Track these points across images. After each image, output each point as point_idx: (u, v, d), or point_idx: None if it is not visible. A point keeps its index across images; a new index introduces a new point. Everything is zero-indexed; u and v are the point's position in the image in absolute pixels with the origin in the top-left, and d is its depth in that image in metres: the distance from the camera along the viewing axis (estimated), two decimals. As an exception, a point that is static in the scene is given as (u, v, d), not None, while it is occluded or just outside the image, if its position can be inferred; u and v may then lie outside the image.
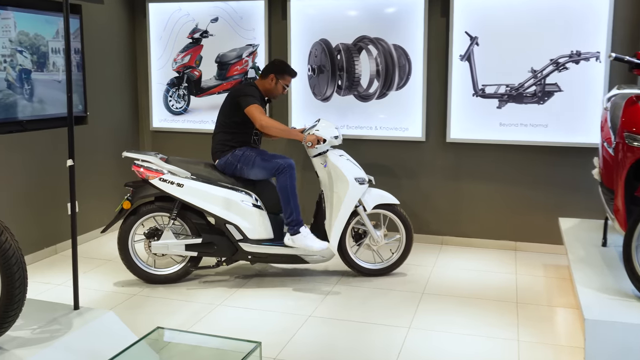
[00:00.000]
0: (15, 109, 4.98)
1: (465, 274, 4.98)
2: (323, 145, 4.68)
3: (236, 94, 4.69)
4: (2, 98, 4.84)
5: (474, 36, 5.39)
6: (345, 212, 4.68)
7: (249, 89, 4.71)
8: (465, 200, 5.69)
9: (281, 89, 4.80)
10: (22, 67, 5.05)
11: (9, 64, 4.91)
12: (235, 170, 4.66)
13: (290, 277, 4.91)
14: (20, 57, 5.01)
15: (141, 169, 4.55)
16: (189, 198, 4.51)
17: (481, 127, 5.49)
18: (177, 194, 4.50)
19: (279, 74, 4.77)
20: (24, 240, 5.05)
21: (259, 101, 4.63)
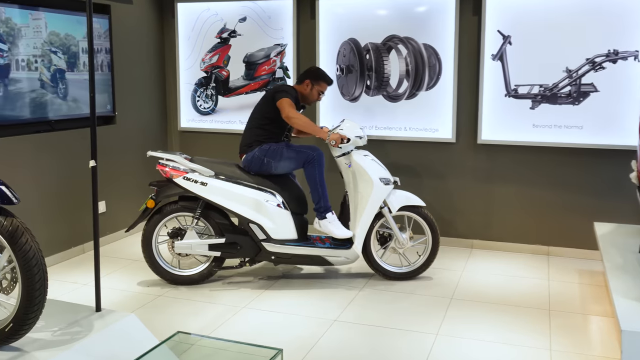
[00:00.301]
0: (45, 109, 5.00)
1: (495, 279, 4.85)
2: (347, 145, 4.61)
3: (273, 90, 4.75)
4: (34, 98, 4.86)
5: (507, 35, 5.25)
6: (369, 213, 4.59)
7: (286, 87, 4.76)
8: (496, 203, 5.54)
9: (316, 94, 4.81)
10: (57, 67, 5.08)
11: (42, 64, 4.93)
12: (262, 165, 4.63)
13: (315, 279, 4.84)
14: (54, 57, 5.04)
15: (166, 168, 4.53)
16: (212, 197, 4.48)
17: (513, 129, 5.34)
18: (201, 192, 4.47)
19: (315, 79, 4.77)
20: (52, 240, 5.10)
21: (292, 98, 4.62)
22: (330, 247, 4.64)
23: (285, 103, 4.56)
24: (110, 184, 5.71)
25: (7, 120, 4.68)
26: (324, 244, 4.68)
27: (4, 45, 4.64)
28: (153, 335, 3.27)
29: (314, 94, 4.80)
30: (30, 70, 4.84)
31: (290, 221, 4.62)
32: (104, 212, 5.64)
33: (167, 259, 4.71)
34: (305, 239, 4.70)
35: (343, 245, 4.66)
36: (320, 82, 4.79)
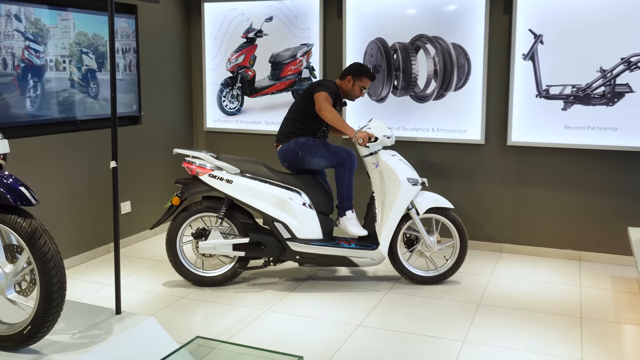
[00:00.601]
0: (73, 109, 5.02)
1: (525, 285, 4.72)
2: (375, 145, 4.53)
3: (314, 84, 4.75)
4: (64, 98, 4.88)
5: (539, 34, 5.11)
6: (396, 214, 4.51)
7: (327, 82, 4.75)
8: (526, 206, 5.41)
9: (358, 90, 4.77)
10: (88, 67, 5.11)
11: (72, 64, 4.95)
12: (296, 158, 4.64)
13: (340, 282, 4.76)
14: (85, 57, 5.06)
15: (192, 165, 4.52)
16: (237, 195, 4.45)
17: (545, 130, 5.20)
18: (226, 190, 4.44)
19: (356, 75, 4.74)
20: (78, 239, 5.12)
21: (330, 92, 4.59)
22: (356, 247, 4.57)
23: (321, 96, 4.54)
24: (136, 184, 5.71)
25: (40, 119, 4.72)
26: (349, 244, 4.61)
27: (39, 46, 4.68)
28: (172, 339, 3.24)
29: (355, 90, 4.76)
30: (58, 71, 4.86)
31: (315, 221, 4.56)
32: (129, 212, 5.65)
33: (191, 260, 4.69)
34: (331, 239, 4.64)
35: (369, 246, 4.59)
36: (362, 78, 4.74)
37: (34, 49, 4.65)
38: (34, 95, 4.66)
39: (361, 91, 4.78)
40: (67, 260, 5.00)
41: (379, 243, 4.55)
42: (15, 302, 2.84)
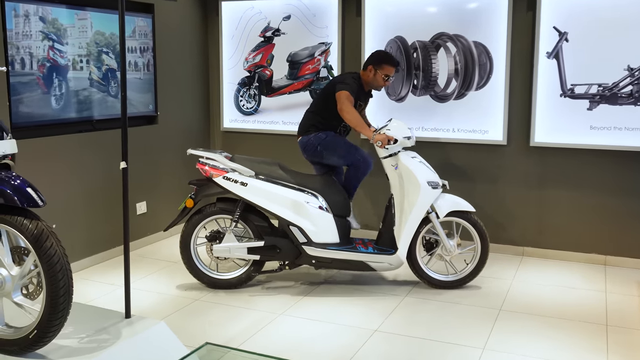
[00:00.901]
0: (91, 108, 4.99)
1: (548, 290, 4.57)
2: (394, 146, 4.42)
3: (336, 80, 4.69)
4: (82, 97, 4.85)
5: (563, 31, 4.95)
6: (415, 218, 4.40)
7: (348, 78, 4.64)
8: (549, 209, 5.25)
9: (381, 79, 4.65)
10: (108, 67, 5.08)
11: (92, 64, 4.92)
12: (315, 152, 4.65)
13: (357, 285, 4.66)
14: (105, 57, 5.03)
15: (206, 166, 4.45)
16: (252, 197, 4.37)
17: (569, 130, 5.04)
18: (241, 193, 4.36)
19: (377, 64, 4.63)
20: (94, 239, 5.08)
21: (352, 90, 4.51)
22: (373, 252, 4.47)
23: (342, 96, 4.47)
24: (152, 184, 5.67)
25: (59, 119, 4.71)
26: (367, 248, 4.51)
27: (62, 46, 4.66)
28: (182, 345, 3.16)
29: (378, 79, 4.64)
30: (75, 70, 4.82)
31: (332, 224, 4.47)
32: (144, 212, 5.61)
33: (206, 262, 4.62)
34: (348, 242, 4.55)
35: (386, 250, 4.48)
36: (382, 66, 4.61)
37: (58, 49, 4.64)
38: (56, 94, 4.63)
39: (385, 80, 4.65)
40: (81, 261, 4.97)
41: (397, 247, 4.44)
42: (21, 306, 2.79)
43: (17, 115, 4.40)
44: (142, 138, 5.55)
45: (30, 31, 4.43)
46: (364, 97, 4.78)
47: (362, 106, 4.83)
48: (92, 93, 4.98)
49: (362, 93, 4.72)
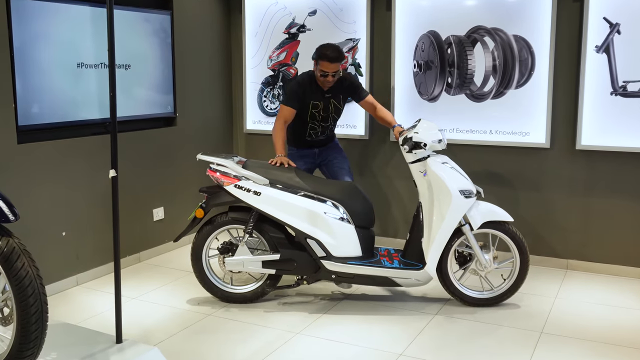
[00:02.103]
0: (103, 110, 4.74)
1: (595, 310, 4.11)
2: (422, 151, 4.03)
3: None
4: (95, 98, 4.61)
5: (615, 23, 4.48)
6: (446, 230, 3.99)
7: (292, 85, 4.47)
8: (597, 219, 4.77)
9: (319, 76, 4.31)
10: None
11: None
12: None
13: (382, 302, 4.28)
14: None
15: (217, 173, 4.13)
16: (266, 208, 4.03)
17: (621, 132, 4.56)
18: (254, 202, 4.03)
19: (316, 58, 4.33)
20: (106, 247, 4.82)
21: (290, 98, 4.36)
22: (399, 267, 4.09)
23: (280, 109, 4.43)
24: (170, 190, 5.39)
25: (68, 121, 4.49)
26: (392, 262, 4.13)
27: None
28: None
29: (318, 77, 4.31)
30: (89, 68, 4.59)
31: (353, 236, 4.10)
32: (162, 218, 5.34)
33: (219, 275, 4.31)
34: (371, 255, 4.17)
35: (414, 265, 4.09)
36: (319, 61, 4.28)
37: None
38: (62, 96, 4.39)
39: (324, 77, 4.28)
40: (92, 270, 4.73)
41: (425, 262, 4.05)
42: (-6, 332, 2.52)
43: (25, 117, 4.16)
44: (160, 140, 5.28)
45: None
46: (321, 96, 4.41)
47: (323, 106, 4.46)
48: (101, 94, 4.73)
49: (317, 92, 4.38)
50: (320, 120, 4.50)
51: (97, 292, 4.47)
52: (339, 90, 4.49)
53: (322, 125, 4.54)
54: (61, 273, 4.50)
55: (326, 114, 4.51)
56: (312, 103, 4.42)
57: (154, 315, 4.07)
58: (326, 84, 4.35)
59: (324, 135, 4.62)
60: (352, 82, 4.55)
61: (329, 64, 4.25)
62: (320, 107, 4.46)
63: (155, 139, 5.24)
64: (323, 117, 4.51)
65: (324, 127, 4.57)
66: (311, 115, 4.47)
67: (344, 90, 4.52)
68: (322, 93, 4.43)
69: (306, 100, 4.40)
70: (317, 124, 4.52)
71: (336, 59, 4.26)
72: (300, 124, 4.52)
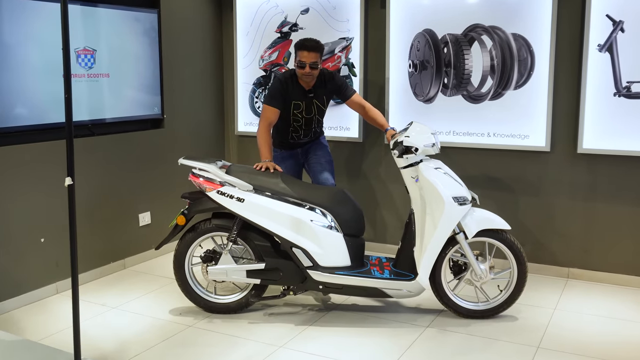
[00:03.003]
0: (85, 111, 4.58)
1: (597, 323, 3.90)
2: (414, 155, 3.83)
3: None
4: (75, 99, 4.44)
5: (618, 20, 4.27)
6: (439, 239, 3.80)
7: (274, 83, 4.32)
8: (600, 226, 4.56)
9: (299, 69, 4.15)
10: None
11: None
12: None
13: (372, 313, 4.09)
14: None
15: (200, 179, 3.96)
16: (249, 215, 3.85)
17: (624, 135, 4.35)
18: (237, 210, 3.85)
19: (295, 51, 4.24)
20: (90, 253, 4.67)
21: (272, 98, 4.21)
22: (390, 277, 3.89)
23: (262, 110, 4.27)
24: (157, 194, 5.22)
25: (46, 124, 4.31)
26: (383, 272, 3.94)
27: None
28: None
29: (298, 71, 4.18)
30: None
31: (341, 245, 3.91)
32: (148, 223, 5.17)
33: (203, 284, 4.13)
34: (361, 264, 3.98)
35: (405, 275, 3.90)
36: (297, 52, 4.18)
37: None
38: (38, 97, 4.23)
39: (301, 68, 4.13)
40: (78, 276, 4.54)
41: (417, 272, 3.86)
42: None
43: (3, 119, 4.00)
44: (147, 143, 5.11)
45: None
46: (303, 96, 4.26)
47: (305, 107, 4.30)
48: (83, 95, 4.56)
49: (298, 92, 4.23)
50: (303, 122, 4.34)
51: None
52: (322, 90, 4.33)
53: (304, 128, 4.38)
54: (40, 281, 4.33)
55: (309, 115, 4.34)
56: (294, 103, 4.26)
57: (133, 325, 3.90)
58: (305, 78, 4.19)
59: (307, 138, 4.46)
60: (336, 80, 4.38)
61: (307, 54, 4.11)
62: (302, 108, 4.29)
63: (142, 141, 5.08)
64: (306, 120, 4.34)
65: (307, 130, 4.40)
66: (293, 117, 4.30)
67: (327, 90, 4.36)
68: (304, 93, 4.27)
69: (288, 100, 4.24)
70: (300, 126, 4.35)
71: (313, 48, 4.14)
72: (282, 126, 4.36)
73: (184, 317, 4.02)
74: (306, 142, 4.49)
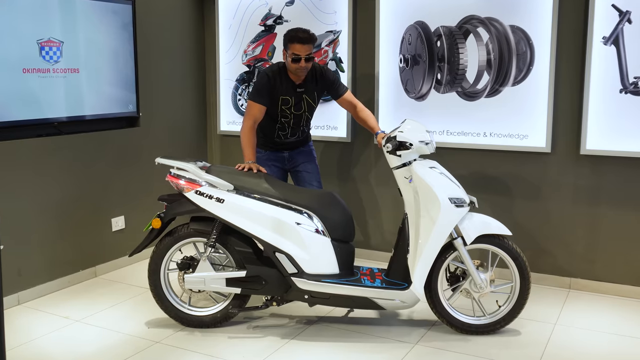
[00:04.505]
0: (50, 108, 4.26)
1: (601, 340, 3.59)
2: (408, 152, 3.52)
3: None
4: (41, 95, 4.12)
5: (625, 10, 3.96)
6: (434, 243, 3.48)
7: (260, 77, 4.01)
8: (605, 233, 4.25)
9: (291, 62, 3.87)
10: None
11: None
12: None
13: (358, 326, 3.77)
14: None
15: (178, 179, 3.65)
16: (229, 217, 3.54)
17: (631, 135, 4.05)
18: (216, 211, 3.55)
19: (285, 45, 3.91)
20: (57, 260, 4.35)
21: (257, 93, 3.94)
22: (381, 286, 3.57)
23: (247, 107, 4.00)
24: (131, 197, 4.90)
25: (8, 122, 3.99)
26: (374, 281, 3.62)
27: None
28: None
29: (289, 63, 3.88)
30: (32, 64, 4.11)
31: (329, 251, 3.60)
32: (122, 228, 4.85)
33: (178, 292, 3.82)
34: (350, 273, 3.67)
35: (398, 284, 3.58)
36: (289, 45, 3.87)
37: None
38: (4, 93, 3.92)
39: (296, 62, 3.84)
40: (37, 288, 4.23)
41: (411, 281, 3.54)
42: None
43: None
44: (121, 142, 4.80)
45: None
46: (292, 90, 3.99)
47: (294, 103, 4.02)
48: (49, 91, 4.24)
49: (287, 86, 3.96)
50: (291, 118, 4.03)
51: (39, 313, 3.97)
52: (312, 86, 4.02)
53: (292, 126, 4.08)
54: None
55: (298, 112, 4.03)
56: (282, 98, 3.96)
57: (95, 341, 3.57)
58: (299, 72, 3.89)
59: (295, 137, 4.15)
60: (328, 76, 4.07)
61: (300, 46, 3.82)
62: (291, 104, 3.99)
63: (116, 140, 4.76)
64: (295, 117, 4.03)
65: (295, 129, 4.10)
66: (281, 113, 4.00)
67: (318, 85, 4.04)
68: (294, 87, 3.97)
69: (276, 95, 3.94)
70: (287, 122, 4.05)
71: (308, 40, 3.86)
72: (268, 123, 4.07)
73: (153, 331, 3.70)
74: (292, 143, 4.19)
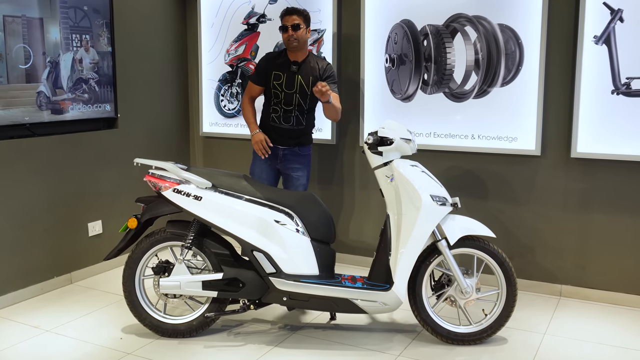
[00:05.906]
0: (21, 109, 4.10)
1: (593, 351, 3.45)
2: (389, 149, 3.40)
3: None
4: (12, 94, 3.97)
5: (617, 9, 3.83)
6: (417, 241, 3.35)
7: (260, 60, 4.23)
8: (596, 238, 4.12)
9: (283, 33, 4.05)
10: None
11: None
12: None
13: (341, 332, 3.63)
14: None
15: (158, 180, 3.53)
16: (206, 214, 3.43)
17: (623, 138, 3.92)
18: (193, 209, 3.44)
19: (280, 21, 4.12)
20: (29, 267, 4.19)
21: (256, 73, 4.17)
22: (362, 287, 3.43)
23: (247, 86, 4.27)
24: (109, 201, 4.75)
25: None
26: (355, 283, 3.48)
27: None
28: None
29: (282, 37, 4.09)
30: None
31: (309, 250, 3.48)
32: (99, 233, 4.69)
33: (153, 299, 3.67)
34: (331, 277, 3.53)
35: (378, 286, 3.44)
36: (281, 20, 4.08)
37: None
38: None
39: (284, 31, 4.03)
40: (8, 295, 4.07)
41: (392, 282, 3.40)
42: None
43: None
44: (97, 144, 4.65)
45: None
46: (286, 68, 4.07)
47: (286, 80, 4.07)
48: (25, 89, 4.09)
49: (282, 63, 4.09)
50: (282, 97, 4.04)
51: (9, 323, 3.81)
52: (309, 69, 4.05)
53: (284, 107, 4.07)
54: (-33, 299, 3.86)
55: (290, 90, 4.01)
56: (274, 74, 4.05)
57: (64, 352, 3.41)
58: (291, 43, 4.02)
59: (289, 125, 4.10)
60: (329, 68, 4.14)
61: (288, 17, 4.02)
62: (282, 80, 4.03)
63: (92, 143, 4.61)
64: (286, 96, 4.02)
65: (287, 113, 4.07)
66: (273, 90, 4.07)
67: (315, 70, 4.06)
68: (288, 65, 4.04)
69: (269, 70, 4.10)
70: (279, 103, 4.06)
71: (293, 11, 4.07)
72: (265, 108, 4.22)
73: (125, 341, 3.54)
74: (288, 133, 4.11)
